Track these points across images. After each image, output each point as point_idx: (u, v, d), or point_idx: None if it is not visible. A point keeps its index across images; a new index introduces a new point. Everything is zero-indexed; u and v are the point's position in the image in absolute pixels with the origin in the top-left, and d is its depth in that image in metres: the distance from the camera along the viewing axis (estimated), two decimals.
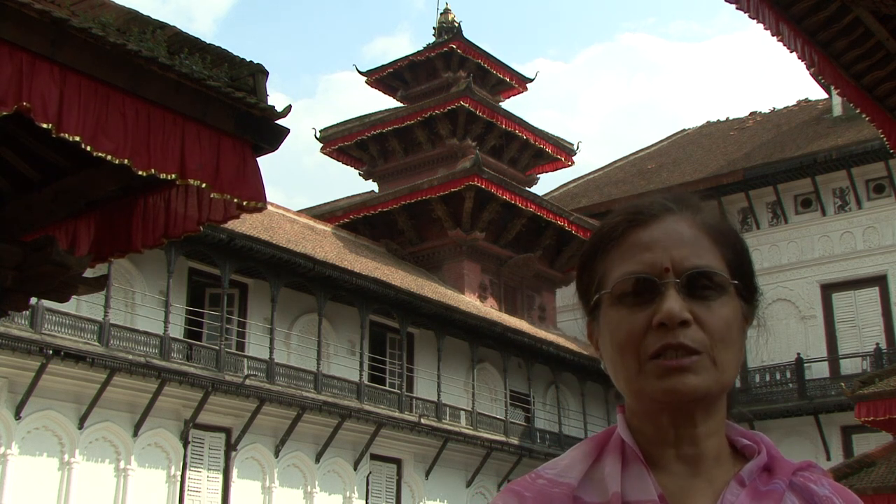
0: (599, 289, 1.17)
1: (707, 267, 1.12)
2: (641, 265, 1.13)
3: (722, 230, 1.18)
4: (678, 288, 1.10)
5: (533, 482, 1.15)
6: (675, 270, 1.11)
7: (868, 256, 28.93)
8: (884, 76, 7.92)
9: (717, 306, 1.12)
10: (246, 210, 5.66)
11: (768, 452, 1.16)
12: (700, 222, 1.17)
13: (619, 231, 1.17)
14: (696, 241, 1.14)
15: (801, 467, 1.17)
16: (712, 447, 1.14)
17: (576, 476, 1.14)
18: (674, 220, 1.16)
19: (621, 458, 1.14)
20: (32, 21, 4.84)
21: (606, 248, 1.18)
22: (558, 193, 37.01)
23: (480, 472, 25.39)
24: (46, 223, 6.35)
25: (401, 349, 24.45)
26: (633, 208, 1.19)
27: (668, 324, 1.09)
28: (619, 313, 1.13)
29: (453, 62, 33.44)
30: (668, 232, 1.15)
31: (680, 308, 1.09)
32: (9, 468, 16.81)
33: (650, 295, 1.11)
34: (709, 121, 39.02)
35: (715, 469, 1.14)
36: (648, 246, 1.14)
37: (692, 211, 1.18)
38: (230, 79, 5.55)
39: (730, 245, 1.17)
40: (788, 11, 7.29)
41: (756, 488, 1.12)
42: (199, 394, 19.16)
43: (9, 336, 16.30)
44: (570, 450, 1.19)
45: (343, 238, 27.47)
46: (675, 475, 1.13)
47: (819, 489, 1.15)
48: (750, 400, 28.39)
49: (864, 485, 14.68)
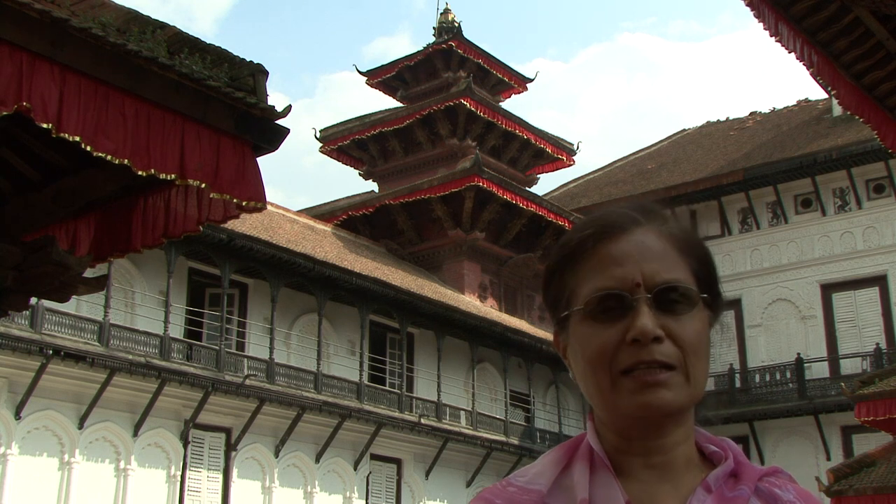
0: (570, 303, 1.18)
1: (677, 282, 1.13)
2: (612, 280, 1.13)
3: (688, 240, 1.19)
4: (650, 303, 1.11)
5: (503, 490, 1.16)
6: (646, 285, 1.12)
7: (868, 256, 28.91)
8: (884, 76, 7.91)
9: (687, 319, 1.13)
10: (246, 210, 5.65)
11: (735, 458, 1.18)
12: (667, 234, 1.18)
13: (588, 245, 1.18)
14: (665, 255, 1.16)
15: (768, 473, 1.18)
16: (681, 455, 1.16)
17: (545, 483, 1.15)
18: (642, 232, 1.17)
19: (590, 466, 1.15)
20: (32, 21, 4.84)
21: (576, 261, 1.18)
22: (558, 193, 37.00)
23: (480, 472, 25.40)
24: (46, 223, 6.35)
25: (401, 349, 24.45)
26: (602, 220, 1.19)
27: (641, 340, 1.10)
28: (590, 328, 1.14)
29: (453, 62, 33.45)
30: (638, 245, 1.16)
31: (653, 324, 1.10)
32: (9, 468, 16.80)
33: (621, 310, 1.12)
34: (709, 121, 39.00)
35: (683, 475, 1.15)
36: (619, 261, 1.14)
37: (659, 222, 1.19)
38: (230, 79, 5.55)
39: (696, 255, 1.19)
40: (788, 11, 7.29)
41: (722, 494, 1.13)
42: (199, 394, 19.16)
43: (9, 336, 16.30)
44: (540, 457, 1.20)
45: (343, 238, 27.47)
46: (643, 482, 1.14)
47: (784, 494, 1.16)
48: (750, 400, 28.39)
49: (864, 485, 14.69)
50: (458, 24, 34.19)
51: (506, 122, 31.87)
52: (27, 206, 6.31)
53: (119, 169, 5.30)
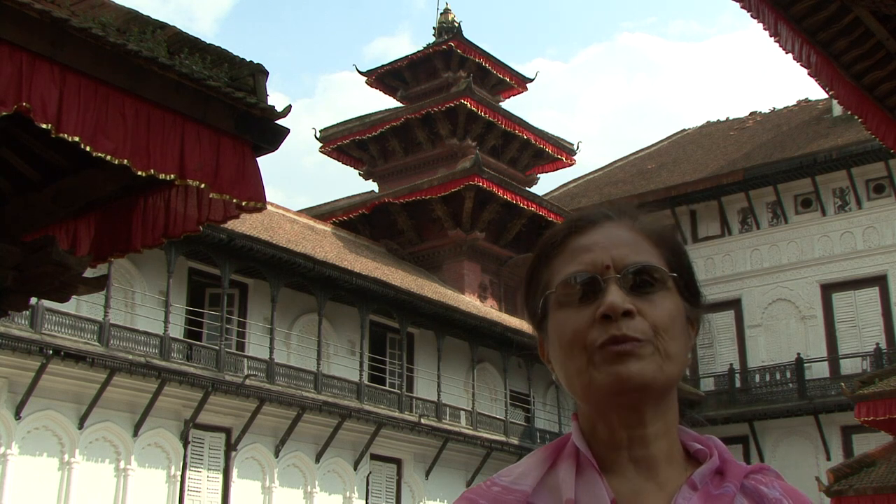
0: (545, 296, 1.20)
1: (646, 262, 1.16)
2: (583, 265, 1.16)
3: (660, 233, 1.22)
4: (620, 283, 1.14)
5: (488, 489, 1.17)
6: (615, 267, 1.15)
7: (868, 256, 28.92)
8: (884, 76, 7.91)
9: (658, 299, 1.15)
10: (246, 210, 5.66)
11: (721, 456, 1.18)
12: (639, 227, 1.21)
13: (559, 238, 1.21)
14: (636, 243, 1.18)
15: (753, 470, 1.19)
16: (663, 449, 1.16)
17: (530, 483, 1.15)
18: (612, 225, 1.21)
19: (575, 465, 1.16)
20: (32, 21, 4.83)
21: (549, 256, 1.22)
22: (558, 193, 37.01)
23: (480, 472, 25.38)
24: (46, 223, 6.35)
25: (401, 349, 24.45)
26: (573, 217, 1.24)
27: (611, 315, 1.12)
28: (564, 314, 1.16)
29: (453, 62, 33.44)
30: (608, 235, 1.19)
31: (622, 299, 1.12)
32: (9, 468, 16.80)
33: (593, 293, 1.14)
34: (709, 121, 39.02)
35: (668, 473, 1.16)
36: (589, 248, 1.18)
37: (630, 218, 1.22)
38: (230, 79, 5.55)
39: (669, 247, 1.21)
40: (788, 11, 7.29)
41: (708, 492, 1.14)
42: (199, 394, 19.16)
43: (9, 336, 16.30)
44: (526, 457, 1.20)
45: (343, 238, 27.47)
46: (628, 479, 1.15)
47: (769, 491, 1.17)
48: (750, 400, 28.40)
49: (864, 485, 14.69)
50: (458, 24, 34.18)
51: (506, 122, 31.86)
52: (27, 206, 6.31)
53: (119, 169, 5.30)
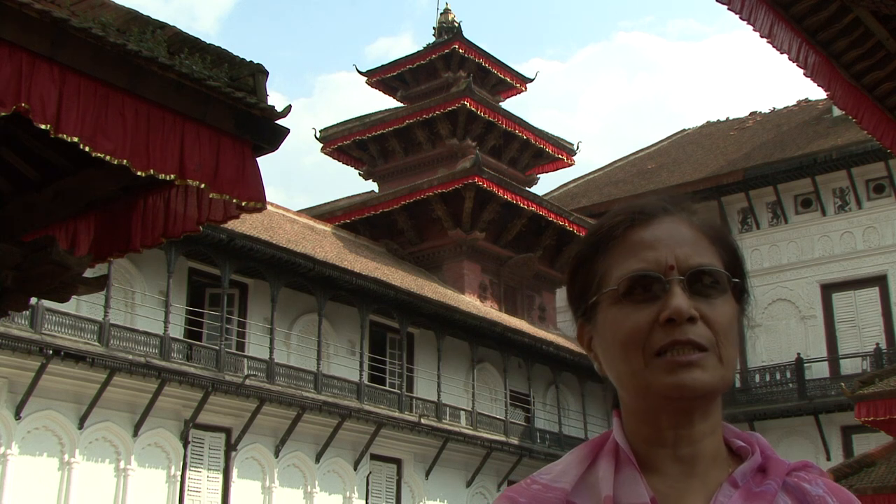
0: (600, 287, 1.18)
1: (710, 265, 1.14)
2: (646, 262, 1.14)
3: (718, 232, 1.20)
4: (683, 285, 1.12)
5: (528, 487, 1.16)
6: (679, 268, 1.13)
7: (868, 256, 28.93)
8: (884, 76, 7.91)
9: (719, 304, 1.13)
10: (246, 210, 5.65)
11: (763, 453, 1.17)
12: (697, 223, 1.19)
13: (619, 230, 1.18)
14: (696, 241, 1.16)
15: (796, 467, 1.18)
16: (709, 447, 1.15)
17: (570, 481, 1.15)
18: (672, 220, 1.18)
19: (615, 462, 1.15)
20: (32, 21, 4.83)
21: (607, 246, 1.18)
22: (558, 193, 37.02)
23: (480, 472, 25.39)
24: (46, 223, 6.34)
25: (401, 349, 24.44)
26: (633, 208, 1.20)
27: (676, 319, 1.10)
28: (622, 311, 1.14)
29: (453, 62, 33.44)
30: (670, 231, 1.16)
31: (688, 305, 1.10)
32: (9, 468, 16.80)
33: (655, 292, 1.12)
34: (709, 121, 39.04)
35: (710, 470, 1.15)
36: (651, 244, 1.15)
37: (688, 212, 1.20)
38: (230, 79, 5.54)
39: (726, 247, 1.19)
40: (788, 11, 7.29)
41: (749, 489, 1.12)
42: (199, 394, 19.17)
43: (9, 336, 16.30)
44: (566, 455, 1.20)
45: (343, 238, 27.47)
46: (669, 477, 1.14)
47: (813, 489, 1.15)
48: (750, 400, 28.39)
49: (864, 485, 14.67)
50: (458, 24, 34.19)
51: (506, 122, 31.86)
52: (27, 206, 6.31)
53: (118, 169, 5.29)
